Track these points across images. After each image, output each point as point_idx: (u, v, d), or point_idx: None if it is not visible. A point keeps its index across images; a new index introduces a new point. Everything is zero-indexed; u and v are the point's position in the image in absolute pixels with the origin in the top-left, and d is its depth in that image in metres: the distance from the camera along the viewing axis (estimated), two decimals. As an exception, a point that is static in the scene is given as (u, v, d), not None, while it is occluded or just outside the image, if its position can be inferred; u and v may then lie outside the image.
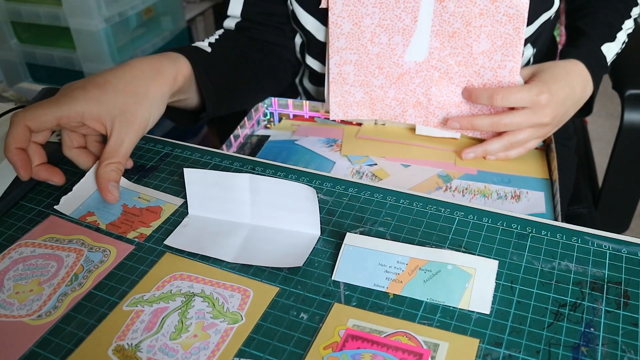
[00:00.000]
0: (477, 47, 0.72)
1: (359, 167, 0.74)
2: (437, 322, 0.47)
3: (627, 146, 0.89)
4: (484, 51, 0.72)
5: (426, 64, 0.75)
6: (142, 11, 1.60)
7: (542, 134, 0.73)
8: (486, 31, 0.71)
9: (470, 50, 0.73)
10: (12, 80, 1.69)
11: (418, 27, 0.73)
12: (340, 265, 0.53)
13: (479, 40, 0.72)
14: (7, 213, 0.63)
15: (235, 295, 0.51)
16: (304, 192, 0.54)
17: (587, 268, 0.51)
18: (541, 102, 0.69)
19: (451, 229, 0.56)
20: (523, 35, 0.70)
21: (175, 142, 0.73)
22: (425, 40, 0.74)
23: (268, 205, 0.57)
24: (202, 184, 0.59)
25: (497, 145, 0.73)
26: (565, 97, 0.71)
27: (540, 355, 0.44)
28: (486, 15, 0.70)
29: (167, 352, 0.46)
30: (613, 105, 2.19)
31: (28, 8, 1.55)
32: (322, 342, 0.46)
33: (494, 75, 0.73)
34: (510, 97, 0.70)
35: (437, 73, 0.75)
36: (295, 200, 0.55)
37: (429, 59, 0.75)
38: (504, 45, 0.71)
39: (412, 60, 0.75)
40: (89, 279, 0.54)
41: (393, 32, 0.75)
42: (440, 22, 0.73)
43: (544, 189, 0.70)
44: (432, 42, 0.74)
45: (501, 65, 0.72)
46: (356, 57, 0.77)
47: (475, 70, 0.74)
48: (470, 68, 0.74)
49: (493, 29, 0.71)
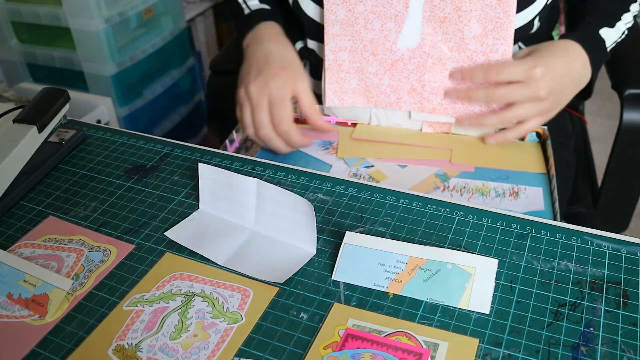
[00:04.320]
0: (469, 31, 0.73)
1: (356, 170, 0.74)
2: (437, 322, 0.47)
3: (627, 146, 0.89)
4: (476, 36, 0.73)
5: (419, 51, 0.76)
6: (142, 11, 1.60)
7: (541, 111, 0.72)
8: (476, 15, 0.72)
9: (462, 36, 0.73)
10: (13, 80, 1.69)
11: (409, 13, 0.74)
12: (339, 265, 0.53)
13: (470, 24, 0.72)
14: (7, 213, 0.63)
15: (235, 295, 0.51)
16: (304, 207, 0.54)
17: (586, 268, 0.51)
18: (536, 74, 0.69)
19: (451, 229, 0.56)
20: (513, 19, 0.71)
21: (175, 142, 0.73)
22: (417, 26, 0.75)
23: (271, 214, 0.57)
24: (213, 181, 0.60)
25: (493, 119, 0.73)
26: (563, 72, 0.71)
27: (540, 354, 0.44)
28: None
29: (167, 352, 0.46)
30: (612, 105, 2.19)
31: (28, 8, 1.55)
32: (322, 342, 0.46)
33: (486, 59, 0.74)
34: (504, 71, 0.70)
35: (430, 59, 0.76)
36: (295, 214, 0.55)
37: (422, 45, 0.75)
38: (495, 29, 0.72)
39: (405, 47, 0.76)
40: (90, 279, 0.54)
41: (385, 19, 0.75)
42: (431, 8, 0.73)
43: (542, 184, 0.70)
44: (424, 28, 0.74)
45: (493, 49, 0.73)
46: (351, 44, 0.78)
47: (467, 55, 0.74)
48: (462, 53, 0.74)
49: (483, 13, 0.72)
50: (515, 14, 0.72)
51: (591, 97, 0.80)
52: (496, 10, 0.71)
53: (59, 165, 0.70)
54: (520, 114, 0.72)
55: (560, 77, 0.71)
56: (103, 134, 0.75)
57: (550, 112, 0.73)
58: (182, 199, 0.63)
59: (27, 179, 0.66)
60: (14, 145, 0.63)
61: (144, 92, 1.68)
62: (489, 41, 0.73)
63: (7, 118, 0.72)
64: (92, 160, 0.71)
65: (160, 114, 1.77)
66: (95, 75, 1.58)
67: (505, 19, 0.71)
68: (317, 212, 0.59)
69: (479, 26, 0.72)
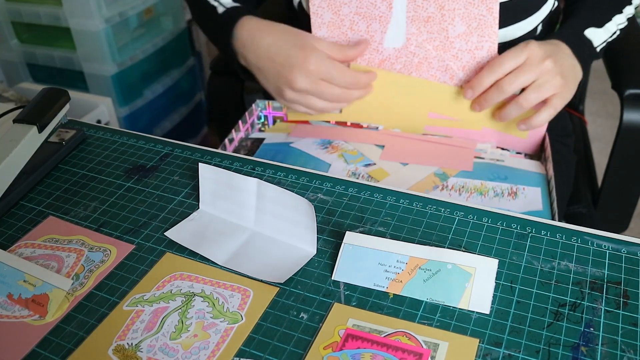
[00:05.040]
0: (453, 30, 0.73)
1: (355, 169, 0.74)
2: (437, 322, 0.47)
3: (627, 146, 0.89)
4: (460, 34, 0.73)
5: (405, 50, 0.76)
6: (142, 11, 1.60)
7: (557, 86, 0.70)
8: (460, 14, 0.72)
9: (447, 34, 0.74)
10: (13, 81, 1.69)
11: (393, 13, 0.75)
12: (340, 265, 0.53)
13: (454, 23, 0.73)
14: (7, 213, 0.63)
15: (235, 295, 0.51)
16: (304, 207, 0.54)
17: (586, 268, 0.51)
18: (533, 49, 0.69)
19: (451, 229, 0.56)
20: (497, 15, 0.71)
21: (175, 142, 0.73)
22: (401, 26, 0.75)
23: (271, 214, 0.57)
24: (214, 181, 0.60)
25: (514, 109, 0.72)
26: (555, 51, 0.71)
27: (540, 355, 0.44)
28: None
29: (167, 352, 0.46)
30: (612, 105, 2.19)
31: (28, 8, 1.55)
32: (322, 342, 0.46)
33: (472, 57, 0.74)
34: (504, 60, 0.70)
35: (416, 59, 0.76)
36: (295, 214, 0.55)
37: (407, 45, 0.76)
38: (479, 27, 0.72)
39: (391, 47, 0.77)
40: (90, 279, 0.54)
41: (370, 20, 0.76)
42: (414, 8, 0.74)
43: (540, 184, 0.70)
44: (408, 28, 0.75)
45: (478, 46, 0.73)
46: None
47: (453, 54, 0.75)
48: (448, 52, 0.75)
49: (466, 11, 0.72)
50: (521, 21, 0.73)
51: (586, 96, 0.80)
52: (479, 8, 0.72)
53: (59, 165, 0.70)
54: (538, 95, 0.70)
55: (555, 52, 0.70)
56: (103, 134, 0.75)
57: (566, 87, 0.71)
58: (182, 199, 0.63)
59: (27, 179, 0.66)
60: (14, 145, 0.63)
61: (144, 92, 1.68)
62: (473, 39, 0.73)
63: (7, 118, 0.72)
64: (92, 160, 0.71)
65: (160, 114, 1.77)
66: (95, 75, 1.58)
67: (488, 16, 0.72)
68: (317, 212, 0.59)
69: (463, 24, 0.73)
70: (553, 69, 0.69)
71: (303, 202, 0.53)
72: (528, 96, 0.70)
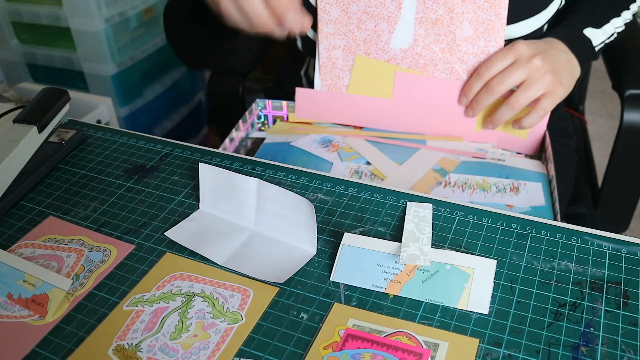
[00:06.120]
0: (461, 33, 0.74)
1: (357, 167, 0.74)
2: (437, 322, 0.47)
3: (627, 146, 0.89)
4: (467, 38, 0.74)
5: (411, 51, 0.76)
6: (142, 11, 1.60)
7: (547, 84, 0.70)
8: (468, 18, 0.73)
9: (454, 37, 0.74)
10: (13, 81, 1.69)
11: (402, 14, 0.75)
12: (338, 266, 0.53)
13: (462, 27, 0.73)
14: (7, 213, 0.63)
15: (235, 295, 0.51)
16: (304, 207, 0.53)
17: (586, 268, 0.51)
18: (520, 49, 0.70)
19: (451, 229, 0.56)
20: (505, 21, 0.72)
21: (175, 142, 0.73)
22: (409, 27, 0.75)
23: (271, 214, 0.57)
24: (214, 181, 0.60)
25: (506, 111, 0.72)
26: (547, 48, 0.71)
27: (540, 355, 0.44)
28: (468, 1, 0.72)
29: (167, 352, 0.46)
30: (613, 105, 2.19)
31: (28, 8, 1.55)
32: (322, 342, 0.46)
33: (477, 61, 0.75)
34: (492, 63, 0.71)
35: (422, 60, 0.77)
36: (295, 214, 0.55)
37: (414, 46, 0.76)
38: (487, 32, 0.73)
39: (398, 47, 0.77)
40: (90, 279, 0.54)
41: (378, 19, 0.76)
42: (423, 9, 0.74)
43: (541, 179, 0.70)
44: (416, 29, 0.75)
45: (484, 51, 0.74)
46: (344, 43, 0.78)
47: (459, 57, 0.75)
48: (454, 55, 0.75)
49: (475, 16, 0.72)
50: (527, 19, 0.73)
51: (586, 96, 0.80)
52: (488, 13, 0.72)
53: (59, 165, 0.70)
54: (528, 95, 0.70)
55: (545, 50, 0.71)
56: (103, 134, 0.75)
57: (558, 86, 0.71)
58: (182, 199, 0.63)
59: (27, 179, 0.66)
60: (14, 145, 0.63)
61: (144, 92, 1.68)
62: (480, 43, 0.74)
63: (7, 118, 0.72)
64: (92, 160, 0.71)
65: (160, 114, 1.77)
66: (95, 75, 1.58)
67: (497, 22, 0.72)
68: (318, 212, 0.59)
69: (471, 28, 0.73)
70: (542, 66, 0.70)
71: (303, 202, 0.53)
72: (518, 97, 0.71)
